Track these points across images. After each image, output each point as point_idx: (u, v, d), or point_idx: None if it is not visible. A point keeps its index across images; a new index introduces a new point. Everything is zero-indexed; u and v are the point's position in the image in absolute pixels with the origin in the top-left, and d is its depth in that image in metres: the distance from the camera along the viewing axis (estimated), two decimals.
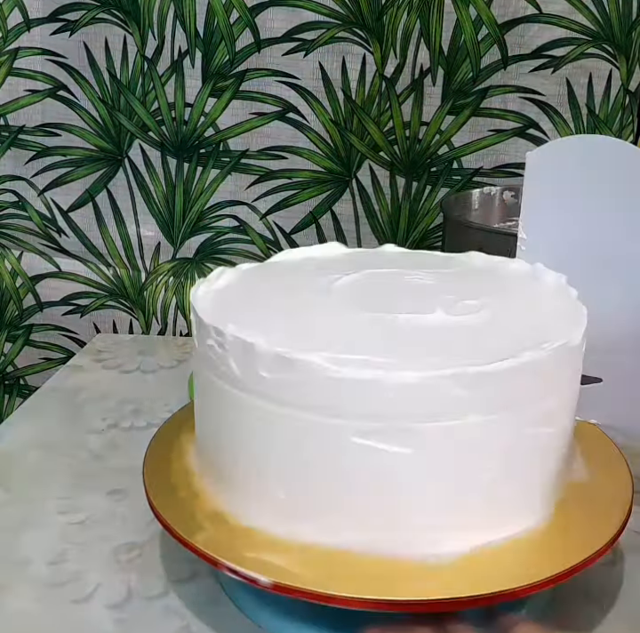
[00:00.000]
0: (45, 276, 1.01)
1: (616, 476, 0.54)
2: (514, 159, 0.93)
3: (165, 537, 0.60)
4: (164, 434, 0.60)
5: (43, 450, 0.73)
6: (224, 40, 0.90)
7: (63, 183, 0.97)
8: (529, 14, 0.87)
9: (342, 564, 0.46)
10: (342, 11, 0.88)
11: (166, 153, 0.96)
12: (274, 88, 0.92)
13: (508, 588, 0.44)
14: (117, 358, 0.92)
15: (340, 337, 0.47)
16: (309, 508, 0.47)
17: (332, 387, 0.44)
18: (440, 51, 0.89)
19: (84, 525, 0.63)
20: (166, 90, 0.93)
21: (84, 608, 0.54)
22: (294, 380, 0.45)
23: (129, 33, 0.91)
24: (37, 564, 0.58)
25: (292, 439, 0.46)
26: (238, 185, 0.96)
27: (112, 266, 1.01)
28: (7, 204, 0.98)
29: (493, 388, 0.44)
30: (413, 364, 0.44)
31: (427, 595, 0.44)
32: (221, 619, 0.53)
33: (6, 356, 1.04)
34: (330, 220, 0.97)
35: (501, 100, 0.91)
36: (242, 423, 0.49)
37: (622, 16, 0.86)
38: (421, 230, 0.97)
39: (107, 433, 0.76)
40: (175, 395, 0.82)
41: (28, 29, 0.92)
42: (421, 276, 0.57)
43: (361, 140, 0.93)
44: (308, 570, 0.46)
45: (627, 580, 0.56)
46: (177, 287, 1.00)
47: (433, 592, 0.44)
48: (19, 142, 0.96)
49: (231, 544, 0.48)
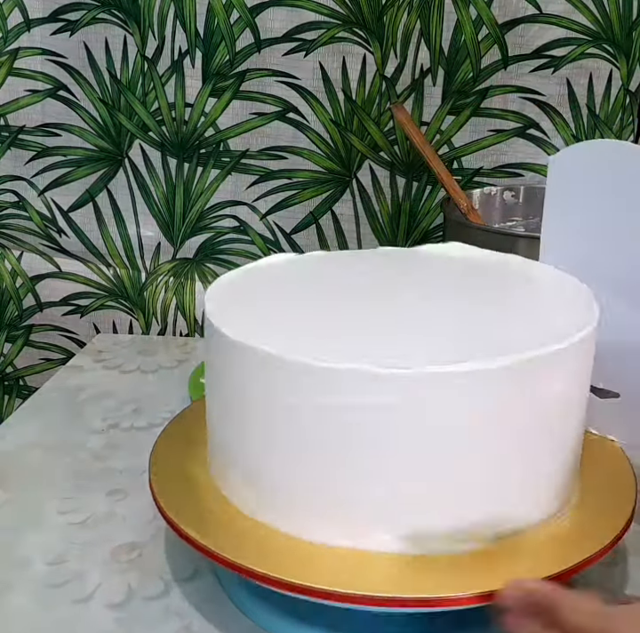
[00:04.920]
0: (45, 276, 1.01)
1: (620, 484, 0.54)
2: (514, 159, 0.93)
3: (166, 537, 0.60)
4: (170, 433, 0.60)
5: (43, 450, 0.73)
6: (224, 40, 0.90)
7: (63, 183, 0.97)
8: (529, 14, 0.87)
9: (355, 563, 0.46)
10: (342, 11, 0.88)
11: (166, 153, 0.96)
12: (274, 88, 0.92)
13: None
14: (117, 358, 0.92)
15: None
16: (320, 504, 0.47)
17: None
18: (440, 51, 0.89)
19: (84, 525, 0.63)
20: (166, 90, 0.93)
21: (85, 608, 0.54)
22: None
23: (129, 33, 0.91)
24: (37, 565, 0.58)
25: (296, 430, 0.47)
26: (238, 185, 0.96)
27: (112, 266, 1.00)
28: (7, 204, 0.98)
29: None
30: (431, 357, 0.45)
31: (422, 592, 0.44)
32: (221, 619, 0.53)
33: (6, 357, 1.04)
34: (330, 220, 0.97)
35: (502, 100, 0.91)
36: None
37: (623, 16, 0.86)
38: (422, 230, 0.97)
39: (107, 433, 0.76)
40: (175, 395, 0.82)
41: (28, 29, 0.91)
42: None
43: (361, 140, 0.93)
44: (316, 567, 0.46)
45: (628, 580, 0.56)
46: (177, 287, 1.00)
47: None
48: (19, 142, 0.96)
49: (237, 541, 0.48)
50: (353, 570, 0.46)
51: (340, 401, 0.45)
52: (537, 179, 0.93)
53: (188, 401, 0.78)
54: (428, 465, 0.46)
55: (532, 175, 0.93)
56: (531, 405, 0.47)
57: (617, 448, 0.58)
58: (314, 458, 0.47)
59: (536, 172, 0.93)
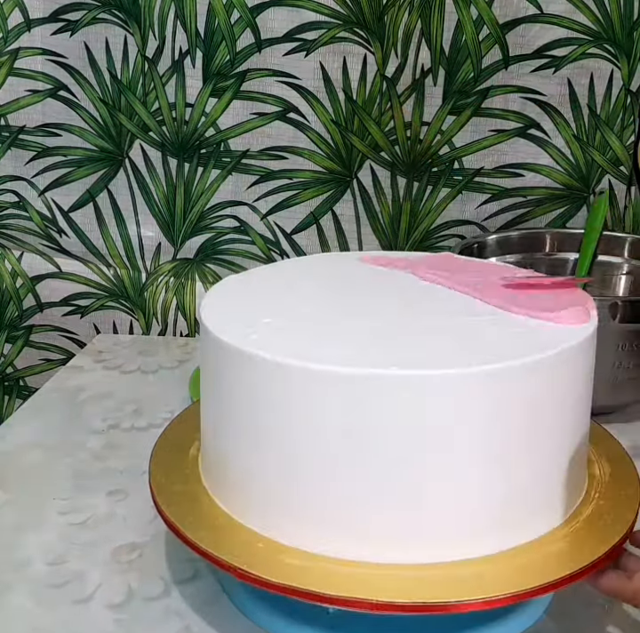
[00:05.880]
0: (46, 276, 1.01)
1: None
2: (515, 159, 0.93)
3: (166, 537, 0.60)
4: (170, 433, 0.60)
5: (43, 451, 0.73)
6: (225, 40, 0.90)
7: (64, 183, 0.97)
8: (530, 14, 0.87)
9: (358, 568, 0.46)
10: (343, 11, 0.88)
11: (167, 153, 0.95)
12: (274, 88, 0.92)
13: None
14: (118, 359, 0.92)
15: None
16: (316, 508, 0.47)
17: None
18: (441, 51, 0.89)
19: (84, 526, 0.62)
20: (167, 90, 0.93)
21: (85, 608, 0.54)
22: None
23: (129, 33, 0.91)
24: (38, 565, 0.58)
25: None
26: (239, 185, 0.96)
27: (112, 266, 1.00)
28: (8, 204, 0.98)
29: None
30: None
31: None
32: (221, 619, 0.53)
33: (6, 358, 1.04)
34: (331, 220, 0.97)
35: (502, 100, 0.91)
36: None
37: (623, 16, 0.86)
38: (422, 231, 0.96)
39: (107, 433, 0.76)
40: (176, 395, 0.82)
41: (28, 29, 0.91)
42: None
43: (362, 141, 0.93)
44: (314, 571, 0.46)
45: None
46: (177, 288, 1.00)
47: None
48: (19, 142, 0.96)
49: (234, 544, 0.48)
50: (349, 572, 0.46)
51: (336, 404, 0.45)
52: (537, 179, 0.93)
53: (188, 401, 0.78)
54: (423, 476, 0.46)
55: (533, 175, 0.93)
56: (533, 407, 0.47)
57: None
58: (309, 462, 0.46)
59: (537, 172, 0.93)
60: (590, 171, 0.93)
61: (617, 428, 0.62)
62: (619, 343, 0.72)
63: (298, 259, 0.62)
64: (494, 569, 0.46)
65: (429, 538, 0.46)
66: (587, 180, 0.93)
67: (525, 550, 0.48)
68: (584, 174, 0.93)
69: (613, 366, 0.73)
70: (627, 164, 0.92)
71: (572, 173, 0.93)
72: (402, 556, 0.46)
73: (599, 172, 0.93)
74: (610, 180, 0.93)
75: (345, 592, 0.44)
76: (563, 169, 0.93)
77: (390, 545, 0.46)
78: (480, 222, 0.95)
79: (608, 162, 0.92)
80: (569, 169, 0.93)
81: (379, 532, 0.46)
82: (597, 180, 0.93)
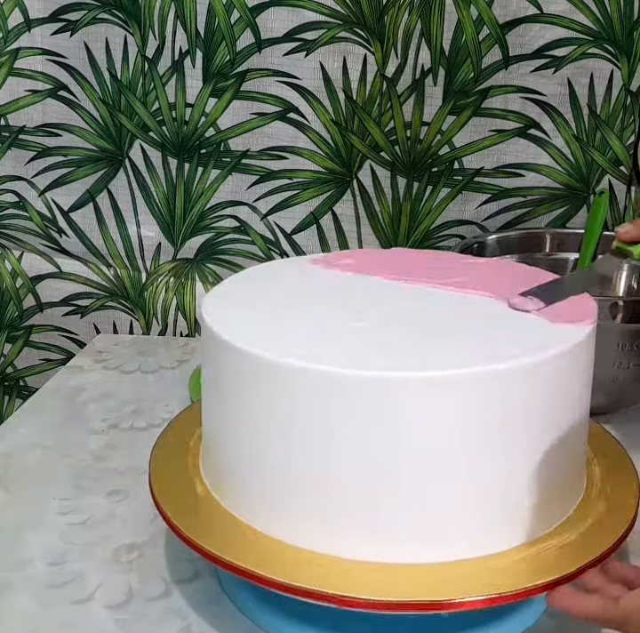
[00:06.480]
0: (46, 276, 1.01)
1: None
2: (515, 159, 0.93)
3: (166, 537, 0.60)
4: (170, 433, 0.60)
5: (43, 451, 0.73)
6: (225, 40, 0.90)
7: (64, 183, 0.97)
8: (530, 14, 0.87)
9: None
10: (343, 11, 0.88)
11: (167, 153, 0.95)
12: (275, 88, 0.92)
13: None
14: (118, 359, 0.92)
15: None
16: (317, 507, 0.47)
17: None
18: (441, 51, 0.89)
19: (84, 526, 0.62)
20: (167, 90, 0.93)
21: (85, 609, 0.54)
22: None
23: (129, 33, 0.91)
24: (38, 565, 0.58)
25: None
26: (239, 185, 0.96)
27: (112, 266, 1.00)
28: (8, 204, 0.98)
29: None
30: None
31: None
32: (222, 619, 0.53)
33: (6, 358, 1.04)
34: (331, 220, 0.96)
35: (502, 100, 0.91)
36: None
37: (623, 16, 0.86)
38: (422, 231, 0.96)
39: (107, 434, 0.76)
40: (176, 395, 0.82)
41: (28, 29, 0.91)
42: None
43: (362, 141, 0.93)
44: (315, 570, 0.46)
45: None
46: (177, 288, 1.00)
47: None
48: (19, 142, 0.96)
49: (235, 543, 0.48)
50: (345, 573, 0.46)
51: (338, 405, 0.45)
52: (537, 179, 0.93)
53: (188, 401, 0.78)
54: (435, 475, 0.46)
55: (533, 175, 0.93)
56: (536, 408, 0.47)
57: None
58: (311, 462, 0.46)
59: (537, 173, 0.93)
60: (590, 171, 0.93)
61: (617, 429, 0.62)
62: (619, 343, 0.72)
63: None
64: (494, 568, 0.46)
65: (429, 538, 0.46)
66: (587, 180, 0.93)
67: (525, 550, 0.48)
68: (584, 174, 0.93)
69: (613, 366, 0.72)
70: (627, 164, 0.92)
71: (572, 173, 0.93)
72: (402, 555, 0.46)
73: (599, 172, 0.93)
74: (610, 180, 0.93)
75: (345, 591, 0.44)
76: (563, 169, 0.93)
77: (390, 545, 0.46)
78: (480, 222, 0.95)
79: (608, 162, 0.92)
80: (569, 169, 0.93)
81: (379, 531, 0.46)
82: (597, 180, 0.93)
